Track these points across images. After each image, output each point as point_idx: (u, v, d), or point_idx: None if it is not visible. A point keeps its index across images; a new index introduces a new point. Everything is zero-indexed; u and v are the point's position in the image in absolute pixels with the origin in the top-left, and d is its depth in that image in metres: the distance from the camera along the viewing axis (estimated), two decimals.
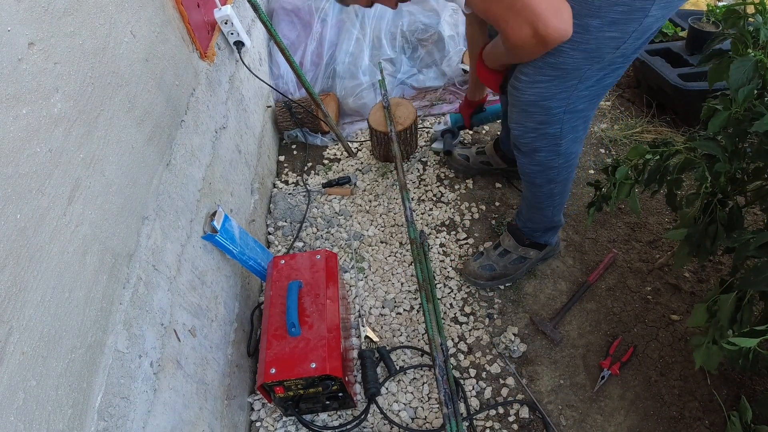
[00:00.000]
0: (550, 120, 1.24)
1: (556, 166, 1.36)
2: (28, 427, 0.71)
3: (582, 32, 1.05)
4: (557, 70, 1.13)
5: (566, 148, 1.32)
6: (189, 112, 1.36)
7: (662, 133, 2.10)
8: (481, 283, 1.68)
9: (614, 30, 1.05)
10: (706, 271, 1.66)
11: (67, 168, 0.85)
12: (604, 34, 1.05)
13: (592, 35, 1.06)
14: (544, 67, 1.14)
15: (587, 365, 1.50)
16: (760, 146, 1.03)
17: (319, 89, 2.33)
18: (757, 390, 1.39)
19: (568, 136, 1.29)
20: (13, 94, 0.74)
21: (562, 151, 1.32)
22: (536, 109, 1.22)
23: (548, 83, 1.16)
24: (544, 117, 1.23)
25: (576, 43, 1.07)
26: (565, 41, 1.02)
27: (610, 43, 1.07)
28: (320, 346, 1.27)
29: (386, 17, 2.37)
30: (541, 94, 1.19)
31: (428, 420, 1.44)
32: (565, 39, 1.00)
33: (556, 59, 1.11)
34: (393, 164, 2.15)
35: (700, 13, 2.24)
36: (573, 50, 1.09)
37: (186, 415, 1.11)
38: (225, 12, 1.62)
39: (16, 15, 0.75)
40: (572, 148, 1.33)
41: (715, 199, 1.15)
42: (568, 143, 1.31)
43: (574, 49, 1.09)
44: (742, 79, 1.02)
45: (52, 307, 0.79)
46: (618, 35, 1.06)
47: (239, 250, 1.46)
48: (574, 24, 1.01)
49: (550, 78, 1.15)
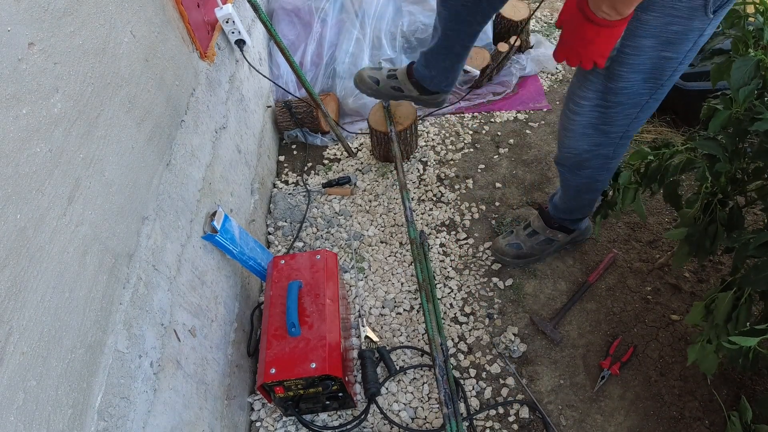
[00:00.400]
0: (606, 143, 1.23)
1: (603, 179, 1.38)
2: (28, 427, 0.71)
3: (637, 54, 1.03)
4: (617, 95, 1.11)
5: (615, 165, 1.33)
6: (189, 112, 1.36)
7: (662, 133, 2.10)
8: (507, 260, 1.70)
9: (669, 50, 1.01)
10: (706, 271, 1.66)
11: (67, 168, 0.85)
12: (659, 54, 1.02)
13: (647, 56, 1.03)
14: (605, 92, 1.12)
15: (587, 365, 1.50)
16: (761, 146, 1.03)
17: (319, 89, 2.33)
18: (757, 390, 1.39)
19: (619, 155, 1.29)
20: (13, 94, 0.74)
21: (611, 168, 1.33)
22: (594, 132, 1.20)
23: (610, 109, 1.14)
24: (601, 140, 1.22)
25: (631, 66, 1.05)
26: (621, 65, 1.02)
27: (667, 64, 1.05)
28: (320, 346, 1.27)
29: (386, 17, 2.37)
30: (602, 119, 1.17)
31: (428, 420, 1.44)
32: None
33: (615, 84, 1.09)
34: (393, 164, 2.15)
35: None
36: (630, 73, 1.06)
37: (186, 415, 1.11)
38: (227, 11, 1.61)
39: (16, 15, 0.75)
40: (617, 163, 1.34)
41: (716, 199, 1.15)
42: (617, 161, 1.31)
43: (631, 72, 1.06)
44: (743, 78, 1.02)
45: (52, 307, 0.79)
46: (673, 55, 1.03)
47: (239, 250, 1.46)
48: (628, 46, 1.00)
49: (612, 104, 1.13)
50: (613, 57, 1.05)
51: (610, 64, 1.07)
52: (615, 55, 1.05)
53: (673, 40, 1.00)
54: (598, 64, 0.98)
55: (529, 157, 2.11)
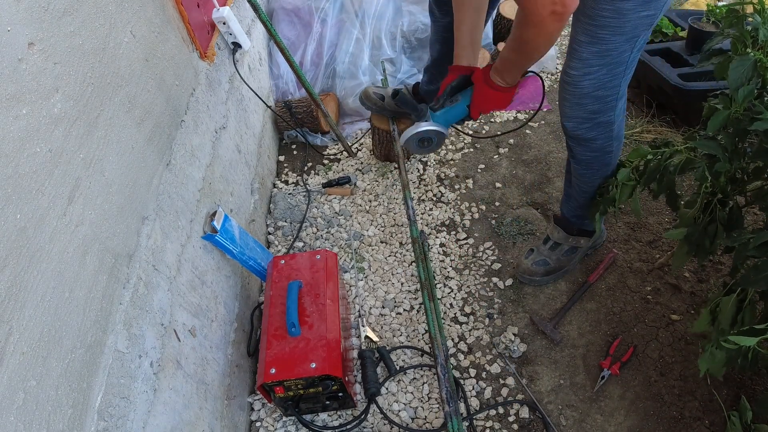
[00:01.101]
0: (603, 108, 1.27)
1: (613, 150, 1.39)
2: (28, 427, 0.71)
3: (618, 16, 1.09)
4: (602, 58, 1.17)
5: (618, 131, 1.35)
6: (189, 112, 1.36)
7: (662, 133, 2.10)
8: (537, 279, 1.66)
9: (647, 9, 1.08)
10: (706, 271, 1.66)
11: (67, 168, 0.85)
12: (639, 14, 1.09)
13: (627, 17, 1.09)
14: (589, 57, 1.17)
15: (587, 365, 1.50)
16: (760, 146, 1.03)
17: (319, 89, 2.33)
18: (757, 390, 1.39)
19: (619, 119, 1.32)
20: (13, 94, 0.74)
21: (615, 135, 1.35)
22: (589, 100, 1.25)
23: (598, 72, 1.20)
24: (598, 106, 1.26)
25: (614, 29, 1.11)
26: (603, 29, 1.09)
27: (644, 21, 1.11)
28: (320, 346, 1.27)
29: (386, 17, 2.37)
30: (593, 84, 1.22)
31: (428, 420, 1.44)
32: (574, 8, 0.99)
33: (599, 47, 1.15)
34: (393, 164, 2.15)
35: (700, 13, 2.24)
36: (613, 36, 1.12)
37: (186, 415, 1.11)
38: (221, 13, 1.62)
39: (16, 15, 0.75)
40: (621, 128, 1.37)
41: (715, 199, 1.15)
42: (619, 126, 1.34)
43: (613, 35, 1.12)
44: (740, 78, 1.03)
45: (52, 307, 0.79)
46: (651, 12, 1.10)
47: (239, 250, 1.46)
48: (608, 9, 1.08)
49: (599, 66, 1.19)
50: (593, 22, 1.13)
51: (592, 29, 1.13)
52: (596, 21, 1.12)
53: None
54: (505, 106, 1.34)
55: (529, 157, 2.11)
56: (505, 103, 1.33)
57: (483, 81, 1.30)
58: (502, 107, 1.34)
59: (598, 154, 1.39)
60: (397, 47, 2.38)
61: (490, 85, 1.29)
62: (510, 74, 1.25)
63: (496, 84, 1.28)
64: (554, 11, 0.99)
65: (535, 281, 1.67)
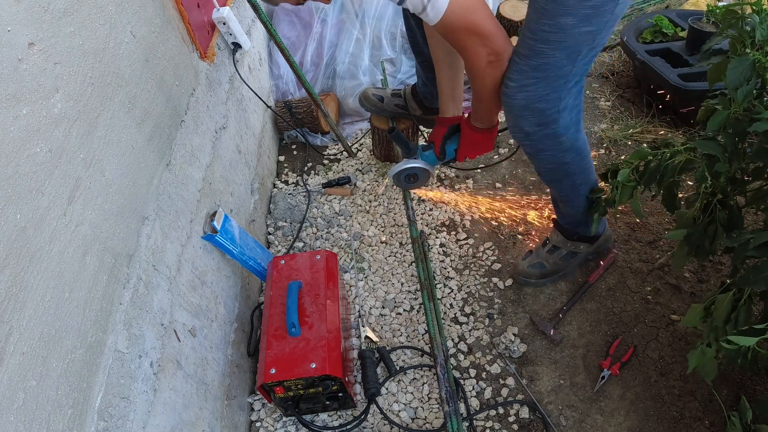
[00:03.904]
0: (545, 121, 1.24)
1: (568, 160, 1.36)
2: (28, 427, 0.71)
3: (558, 31, 1.08)
4: (541, 72, 1.15)
5: (570, 142, 1.32)
6: (189, 112, 1.36)
7: (662, 133, 2.10)
8: (533, 282, 1.66)
9: (588, 25, 1.07)
10: (706, 272, 1.66)
11: (67, 168, 0.85)
12: (580, 30, 1.07)
13: (568, 33, 1.08)
14: (528, 70, 1.15)
15: (587, 365, 1.50)
16: (760, 146, 1.03)
17: (319, 89, 2.33)
18: (757, 390, 1.39)
19: (568, 132, 1.29)
20: (13, 94, 0.74)
21: (567, 147, 1.32)
22: (528, 113, 1.23)
23: (535, 86, 1.17)
24: (539, 119, 1.24)
25: (554, 44, 1.10)
26: (544, 43, 1.09)
27: (586, 38, 1.09)
28: (320, 346, 1.27)
29: (386, 17, 2.37)
30: (530, 97, 1.19)
31: (428, 420, 1.44)
32: (508, 53, 1.14)
33: (538, 61, 1.13)
34: (393, 164, 2.15)
35: (700, 14, 2.24)
36: (552, 50, 1.11)
37: (186, 416, 1.11)
38: (221, 13, 1.62)
39: (16, 15, 0.75)
40: (576, 139, 1.34)
41: (715, 199, 1.15)
42: (570, 138, 1.31)
43: (553, 50, 1.11)
44: (739, 78, 1.02)
45: (52, 307, 0.79)
46: (593, 29, 1.08)
47: (239, 250, 1.46)
48: (549, 24, 1.07)
49: (536, 80, 1.16)
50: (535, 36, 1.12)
51: (532, 43, 1.12)
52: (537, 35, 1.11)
53: (591, 15, 1.05)
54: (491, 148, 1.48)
55: None
56: (490, 145, 1.47)
57: (467, 127, 1.43)
58: (487, 149, 1.48)
59: (554, 166, 1.38)
60: (397, 47, 2.38)
61: (474, 129, 1.41)
62: (485, 118, 1.37)
63: (478, 127, 1.40)
64: (489, 61, 1.15)
65: (530, 283, 1.68)
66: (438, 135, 1.54)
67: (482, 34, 1.10)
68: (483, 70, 1.16)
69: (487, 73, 1.17)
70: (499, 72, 1.17)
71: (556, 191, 1.52)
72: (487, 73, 1.17)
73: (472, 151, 1.48)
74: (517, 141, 1.36)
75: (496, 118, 1.38)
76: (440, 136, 1.53)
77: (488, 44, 1.12)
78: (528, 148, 1.35)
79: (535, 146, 1.33)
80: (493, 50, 1.12)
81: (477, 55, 1.13)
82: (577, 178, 1.43)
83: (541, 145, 1.32)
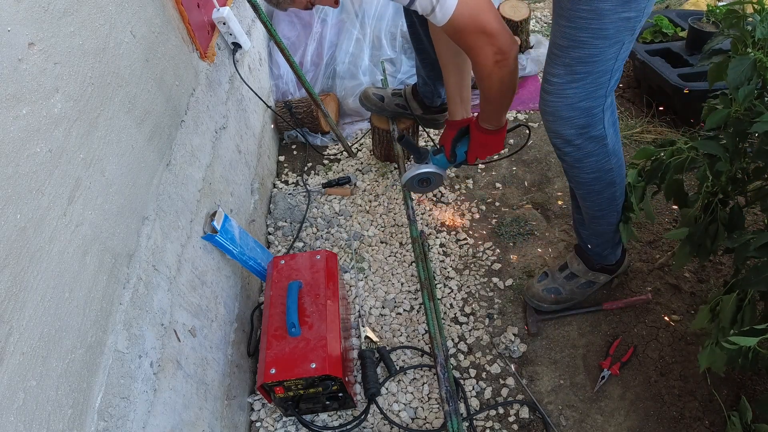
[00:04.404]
0: (591, 122, 1.19)
1: (612, 165, 1.28)
2: (28, 427, 0.71)
3: (596, 18, 1.03)
4: (587, 65, 1.10)
5: (612, 144, 1.26)
6: (189, 112, 1.36)
7: (662, 133, 2.10)
8: (545, 306, 1.59)
9: (627, 9, 1.03)
10: (706, 272, 1.66)
11: (67, 168, 0.85)
12: (620, 15, 1.03)
13: (608, 18, 1.04)
14: (572, 63, 1.11)
15: (587, 365, 1.50)
16: (761, 146, 1.03)
17: (319, 89, 2.33)
18: (757, 390, 1.39)
19: (610, 131, 1.24)
20: (13, 94, 0.74)
21: (610, 150, 1.26)
22: (575, 113, 1.17)
23: (583, 80, 1.13)
24: (585, 119, 1.18)
25: (595, 31, 1.05)
26: (584, 31, 1.05)
27: (626, 24, 1.05)
28: (320, 346, 1.27)
29: (386, 17, 2.37)
30: (578, 94, 1.14)
31: (428, 420, 1.44)
32: (515, 52, 1.12)
33: (581, 52, 1.09)
34: (393, 164, 2.15)
35: (700, 14, 2.24)
36: (594, 39, 1.06)
37: (186, 416, 1.11)
38: (221, 14, 1.61)
39: (16, 15, 0.75)
40: (617, 141, 1.28)
41: (716, 199, 1.15)
42: (612, 140, 1.25)
43: (594, 38, 1.06)
44: (740, 78, 1.02)
45: (52, 307, 0.79)
46: (632, 14, 1.04)
47: (239, 250, 1.46)
48: (586, 10, 1.03)
49: (582, 75, 1.12)
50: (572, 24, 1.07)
51: (571, 31, 1.07)
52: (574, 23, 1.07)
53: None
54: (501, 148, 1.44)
55: (529, 157, 2.11)
56: (499, 146, 1.43)
57: (476, 129, 1.40)
58: (497, 150, 1.45)
59: (598, 174, 1.29)
60: (397, 47, 2.38)
61: (483, 130, 1.38)
62: (494, 119, 1.34)
63: (487, 128, 1.38)
64: (497, 61, 1.12)
65: (542, 308, 1.59)
66: (448, 138, 1.51)
67: (490, 34, 1.08)
68: (491, 70, 1.14)
69: (494, 73, 1.15)
70: (505, 71, 1.15)
71: (591, 206, 1.39)
72: (495, 73, 1.15)
73: (483, 152, 1.45)
74: (558, 151, 1.28)
75: (505, 119, 1.36)
76: (450, 139, 1.50)
77: (495, 43, 1.10)
78: (570, 156, 1.26)
79: (580, 151, 1.24)
80: (500, 49, 1.11)
81: (485, 55, 1.12)
82: (617, 189, 1.34)
83: (586, 149, 1.24)
